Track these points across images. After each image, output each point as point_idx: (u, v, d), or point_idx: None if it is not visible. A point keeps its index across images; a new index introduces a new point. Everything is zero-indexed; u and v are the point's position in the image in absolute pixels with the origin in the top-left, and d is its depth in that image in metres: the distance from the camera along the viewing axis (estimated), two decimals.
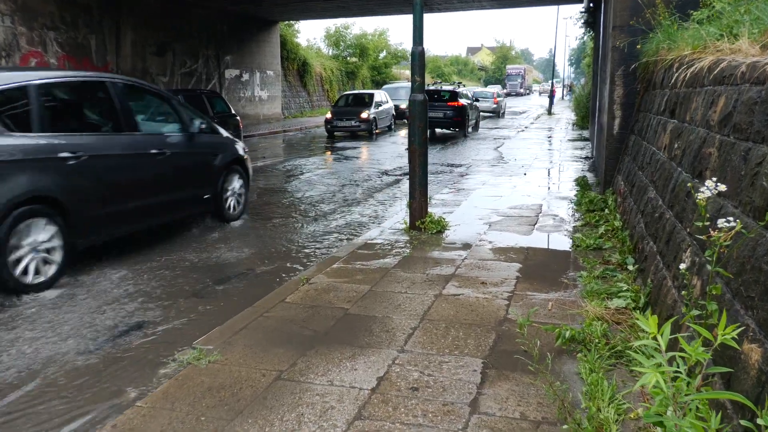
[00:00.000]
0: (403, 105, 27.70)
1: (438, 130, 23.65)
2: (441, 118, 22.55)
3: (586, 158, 14.63)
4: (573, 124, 26.32)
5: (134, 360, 4.04)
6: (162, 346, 4.29)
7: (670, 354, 1.89)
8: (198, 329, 4.56)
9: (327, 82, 37.36)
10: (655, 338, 1.91)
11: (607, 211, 7.46)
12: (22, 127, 4.94)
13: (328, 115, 22.78)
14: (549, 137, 21.82)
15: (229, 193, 7.48)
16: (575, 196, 9.15)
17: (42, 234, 4.98)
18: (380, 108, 23.77)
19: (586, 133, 21.64)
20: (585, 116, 24.10)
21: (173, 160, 6.36)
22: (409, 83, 35.46)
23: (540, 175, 12.06)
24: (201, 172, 6.89)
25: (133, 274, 5.55)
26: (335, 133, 22.67)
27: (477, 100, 29.15)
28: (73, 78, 5.60)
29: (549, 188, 10.46)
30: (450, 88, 24.86)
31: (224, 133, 7.32)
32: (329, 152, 17.75)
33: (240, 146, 7.64)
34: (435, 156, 16.12)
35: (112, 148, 5.60)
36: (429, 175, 9.87)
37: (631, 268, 5.08)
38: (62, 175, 5.07)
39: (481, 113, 28.47)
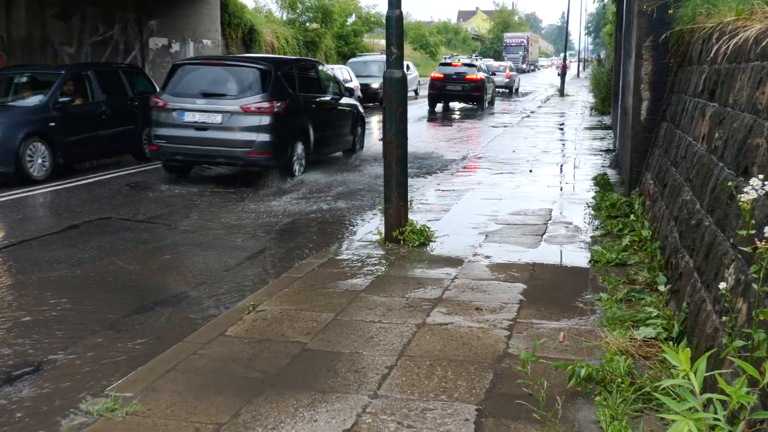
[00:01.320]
0: (375, 84, 27.62)
1: (453, 104, 30.46)
2: (459, 92, 28.72)
3: (607, 151, 14.84)
4: (591, 109, 26.67)
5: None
6: (62, 391, 4.24)
7: (707, 396, 1.92)
8: (111, 371, 4.51)
9: (280, 54, 37.32)
10: (688, 376, 1.94)
11: (632, 217, 7.57)
12: (293, 89, 11.49)
13: None
14: (561, 125, 22.07)
15: (356, 137, 14.51)
16: (593, 198, 9.27)
17: (300, 150, 11.58)
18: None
19: (607, 120, 21.93)
20: (606, 98, 24.44)
21: (339, 114, 13.14)
22: (383, 56, 35.92)
23: (549, 173, 12.20)
24: (349, 122, 13.84)
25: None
26: None
27: (494, 74, 35.93)
28: (302, 59, 13.12)
29: (561, 189, 10.58)
30: (468, 60, 31.90)
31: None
32: None
33: (360, 107, 14.83)
34: (417, 146, 16.20)
35: (321, 102, 12.13)
36: (410, 172, 9.89)
37: (662, 288, 5.16)
38: (307, 117, 11.57)
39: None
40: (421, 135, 19.29)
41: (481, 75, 29.46)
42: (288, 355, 4.45)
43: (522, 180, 11.39)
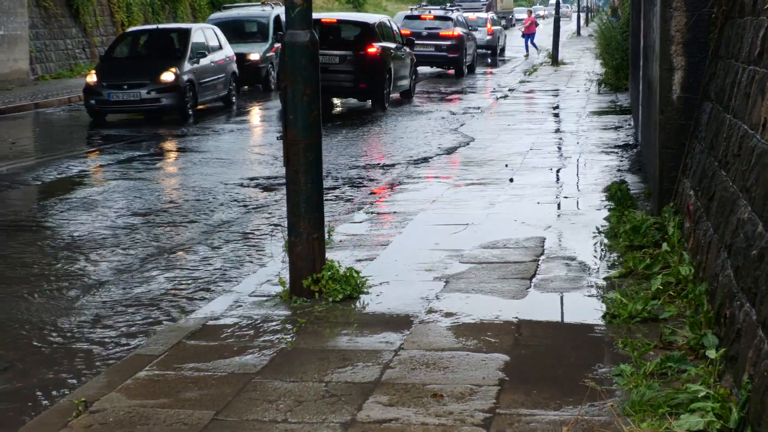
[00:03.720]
0: (255, 53, 27.81)
1: (423, 69, 35.51)
2: (432, 54, 33.80)
3: (626, 147, 15.10)
4: (599, 83, 27.08)
5: None
6: None
7: None
8: None
9: (121, 10, 37.02)
10: None
11: (665, 247, 7.67)
12: (381, 38, 25.09)
13: (92, 79, 21.93)
14: (554, 108, 22.40)
15: (412, 81, 27.32)
16: (606, 219, 9.39)
17: (404, 81, 26.65)
18: (205, 60, 23.27)
19: (624, 99, 22.32)
20: (621, 67, 24.89)
21: (404, 60, 26.17)
22: (269, 7, 36.77)
23: (540, 182, 12.34)
24: (408, 67, 26.60)
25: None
26: (107, 115, 21.91)
27: (475, 30, 40.64)
28: (385, 19, 28.45)
29: (558, 206, 10.72)
30: (441, 12, 37.40)
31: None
32: (123, 149, 17.59)
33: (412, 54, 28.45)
34: (339, 146, 16.27)
35: (395, 49, 25.21)
36: (327, 188, 9.85)
37: (712, 354, 5.22)
38: (390, 60, 24.52)
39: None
40: (332, 127, 19.34)
41: (458, 31, 34.31)
42: None
43: (499, 194, 11.48)
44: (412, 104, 25.60)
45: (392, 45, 25.20)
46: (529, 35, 47.65)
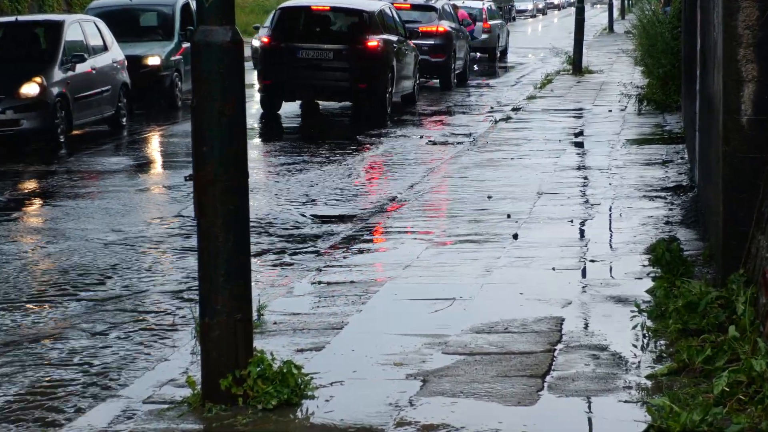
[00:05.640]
0: (155, 57, 28.03)
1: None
2: None
3: (677, 190, 15.15)
4: (640, 100, 27.18)
5: None
6: None
7: None
8: None
9: None
10: None
11: (733, 330, 7.67)
12: (384, 30, 31.46)
13: None
14: (577, 135, 22.56)
15: (416, 82, 33.62)
16: (650, 292, 9.41)
17: (389, 85, 30.96)
18: (84, 66, 23.15)
19: (674, 122, 22.43)
20: (670, 77, 25.00)
21: (407, 55, 32.57)
22: None
23: (556, 238, 12.41)
24: (412, 64, 33.04)
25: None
26: None
27: (469, 25, 43.65)
28: (385, 5, 34.64)
29: (582, 272, 10.77)
30: (422, 0, 39.66)
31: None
32: None
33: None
34: (279, 186, 16.26)
35: (397, 42, 31.38)
36: (256, 246, 9.81)
37: None
38: (392, 55, 30.35)
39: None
40: (277, 162, 19.38)
41: (445, 25, 35.89)
42: None
43: (499, 256, 11.52)
44: (402, 121, 26.80)
45: (394, 38, 29.39)
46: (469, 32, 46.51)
